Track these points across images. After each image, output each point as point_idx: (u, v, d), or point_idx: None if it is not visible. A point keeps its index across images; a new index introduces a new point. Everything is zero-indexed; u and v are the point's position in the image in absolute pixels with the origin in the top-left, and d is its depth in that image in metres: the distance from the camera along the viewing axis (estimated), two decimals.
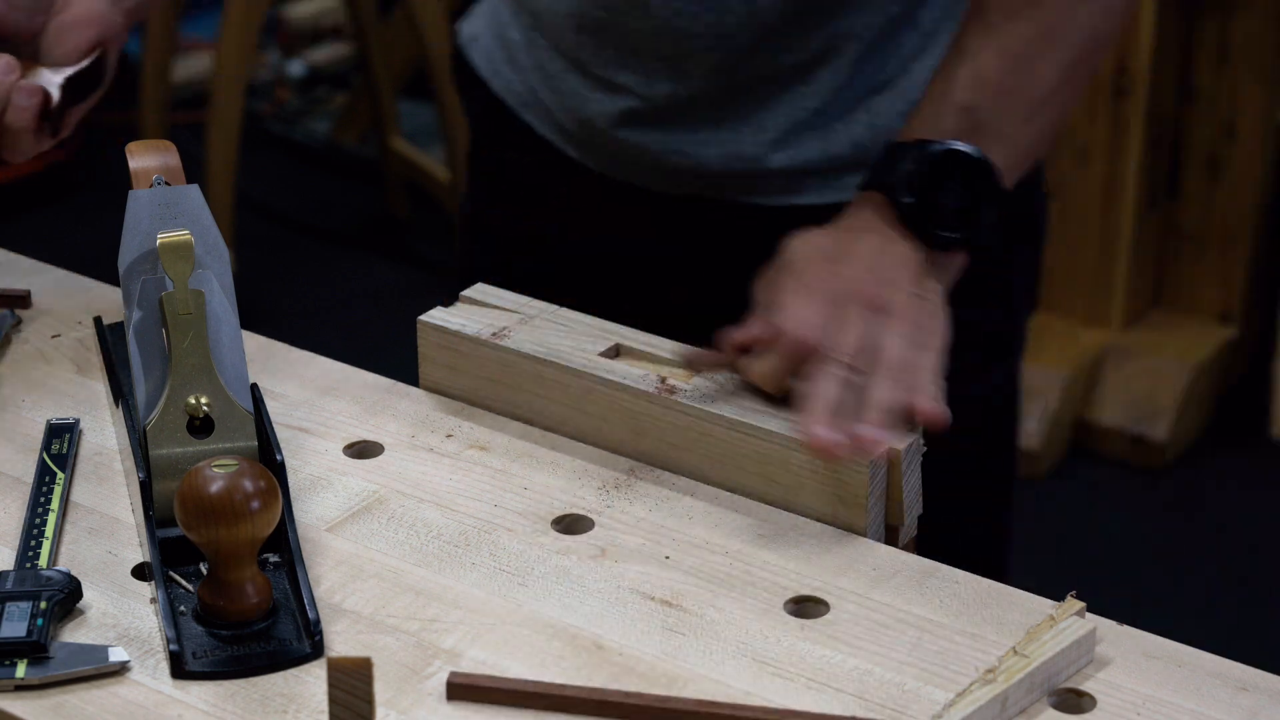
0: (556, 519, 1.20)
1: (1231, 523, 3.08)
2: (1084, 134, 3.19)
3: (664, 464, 1.24)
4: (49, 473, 1.22)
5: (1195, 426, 3.24)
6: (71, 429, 1.27)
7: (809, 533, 1.18)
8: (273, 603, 1.09)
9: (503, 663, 1.07)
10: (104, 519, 1.20)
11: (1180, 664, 1.08)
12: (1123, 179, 3.19)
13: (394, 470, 1.24)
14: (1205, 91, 3.19)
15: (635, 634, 1.10)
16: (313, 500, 1.21)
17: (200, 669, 1.06)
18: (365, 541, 1.18)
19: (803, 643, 1.09)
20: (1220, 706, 1.05)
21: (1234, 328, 3.29)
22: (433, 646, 1.08)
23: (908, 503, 1.19)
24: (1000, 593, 1.13)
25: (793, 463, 1.19)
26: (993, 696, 1.03)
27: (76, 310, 1.42)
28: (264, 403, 1.20)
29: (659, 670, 1.07)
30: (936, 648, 1.08)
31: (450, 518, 1.20)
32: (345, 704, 0.96)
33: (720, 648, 1.08)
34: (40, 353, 1.37)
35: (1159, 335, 3.28)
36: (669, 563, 1.15)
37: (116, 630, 1.10)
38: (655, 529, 1.19)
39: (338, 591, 1.13)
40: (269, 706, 1.04)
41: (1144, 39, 3.10)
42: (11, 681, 1.05)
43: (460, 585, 1.14)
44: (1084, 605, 1.10)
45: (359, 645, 1.08)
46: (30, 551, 1.15)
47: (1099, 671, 1.08)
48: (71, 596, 1.10)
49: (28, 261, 1.49)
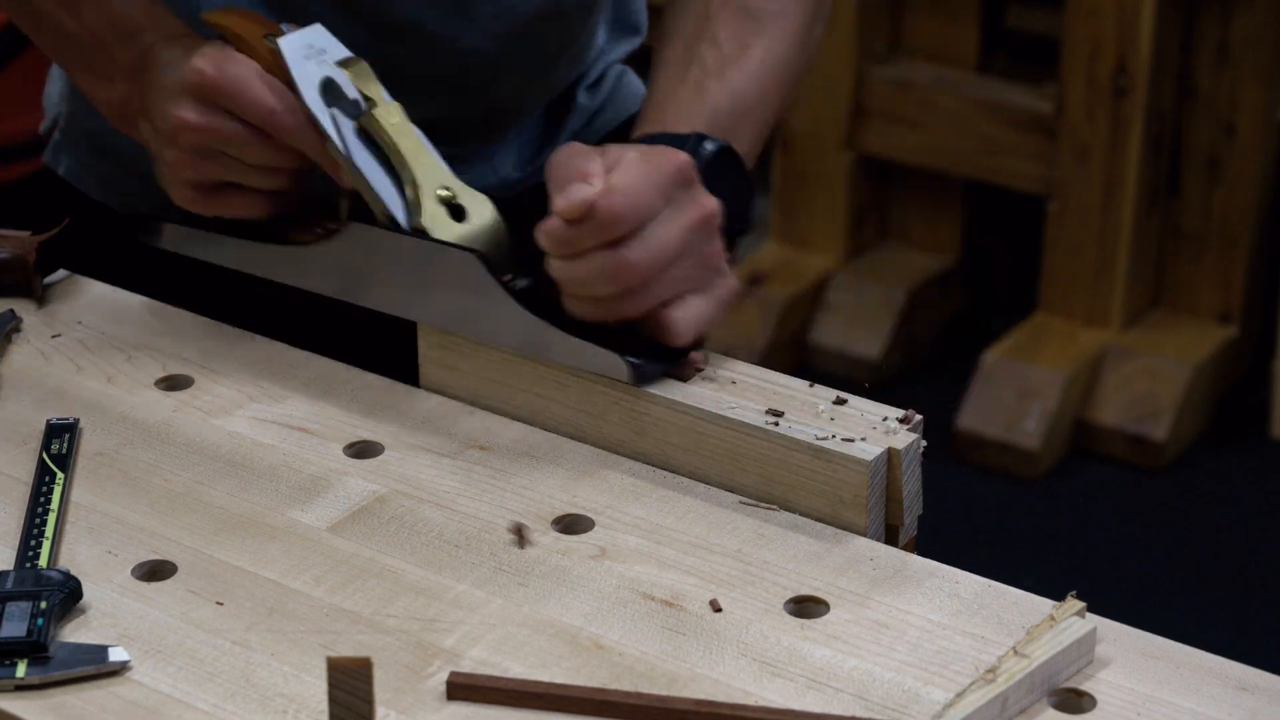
0: (556, 519, 1.20)
1: (1231, 523, 3.08)
2: (1084, 134, 3.20)
3: (664, 464, 1.24)
4: (49, 473, 1.22)
5: (1195, 426, 3.24)
6: (71, 429, 1.27)
7: (809, 533, 1.18)
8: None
9: (503, 663, 1.07)
10: (104, 519, 1.20)
11: (1180, 664, 1.08)
12: (1123, 179, 3.19)
13: (394, 470, 1.24)
14: (1205, 91, 3.19)
15: (635, 634, 1.10)
16: (313, 500, 1.21)
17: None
18: (365, 541, 1.18)
19: (803, 643, 1.09)
20: (1220, 706, 1.05)
21: (1234, 328, 3.29)
22: (433, 646, 1.08)
23: (908, 503, 1.19)
24: (1000, 593, 1.13)
25: (793, 463, 1.19)
26: (993, 696, 1.03)
27: (76, 310, 1.42)
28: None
29: (659, 670, 1.07)
30: (936, 648, 1.08)
31: (450, 518, 1.20)
32: (345, 704, 0.96)
33: (720, 648, 1.09)
34: (40, 353, 1.37)
35: (1159, 335, 3.28)
36: (669, 563, 1.15)
37: (116, 630, 1.10)
38: (655, 529, 1.19)
39: (338, 591, 1.13)
40: (269, 707, 1.04)
41: (1144, 39, 3.10)
42: (11, 681, 1.05)
43: (460, 585, 1.14)
44: (1084, 605, 1.10)
45: (359, 645, 1.09)
46: (30, 551, 1.15)
47: (1099, 671, 1.08)
48: (71, 596, 1.10)
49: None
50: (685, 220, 1.22)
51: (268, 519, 1.20)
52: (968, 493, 3.11)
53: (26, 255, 1.42)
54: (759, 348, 3.34)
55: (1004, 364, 3.24)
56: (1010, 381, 3.21)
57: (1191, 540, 3.04)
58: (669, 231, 1.21)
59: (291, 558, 1.16)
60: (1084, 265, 3.27)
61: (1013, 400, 3.19)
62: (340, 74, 1.30)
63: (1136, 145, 3.16)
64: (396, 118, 1.30)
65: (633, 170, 1.21)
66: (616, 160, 1.22)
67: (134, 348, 1.38)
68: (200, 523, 1.19)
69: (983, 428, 3.20)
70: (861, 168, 3.49)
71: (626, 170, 1.21)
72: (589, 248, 1.20)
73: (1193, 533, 3.06)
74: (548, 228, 1.21)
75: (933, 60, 3.42)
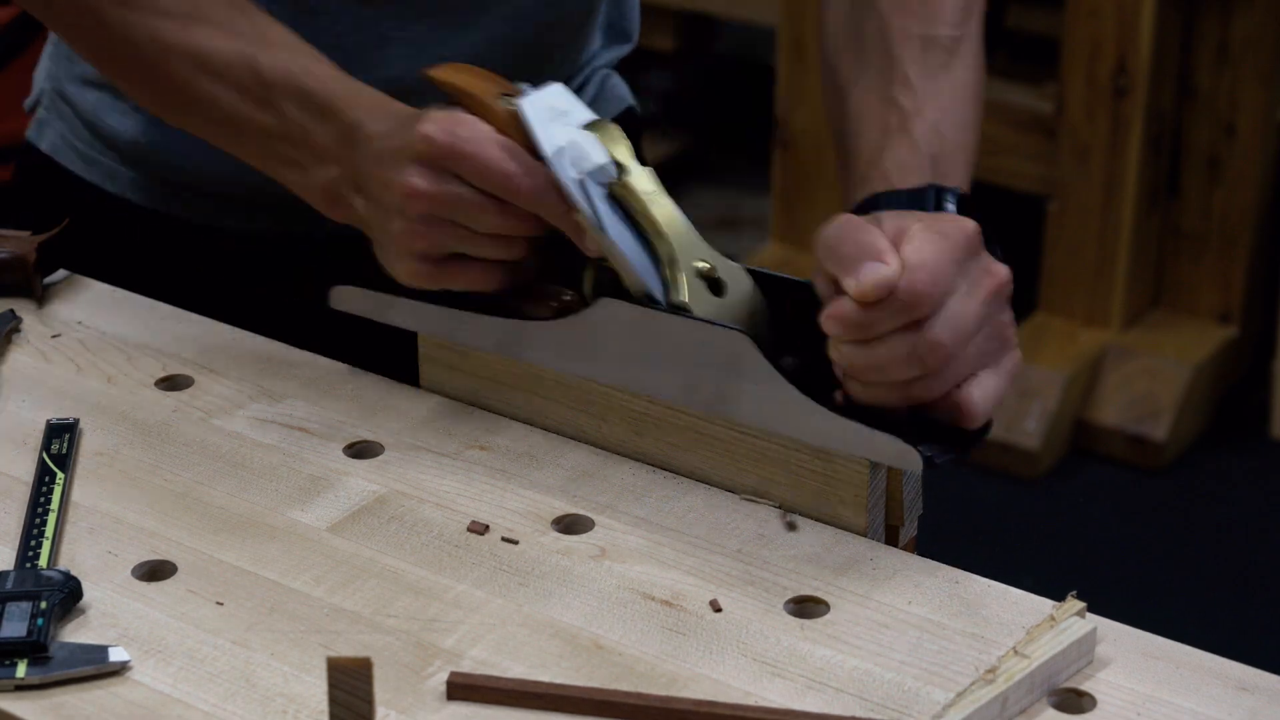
0: (556, 519, 1.20)
1: (1231, 523, 3.08)
2: (1084, 134, 3.20)
3: (664, 464, 1.24)
4: (49, 473, 1.22)
5: (1195, 426, 3.24)
6: (71, 429, 1.27)
7: (809, 533, 1.18)
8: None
9: (503, 663, 1.07)
10: (104, 519, 1.20)
11: (1180, 664, 1.08)
12: (1123, 179, 3.19)
13: (394, 470, 1.24)
14: (1205, 91, 3.19)
15: (635, 634, 1.10)
16: (313, 500, 1.21)
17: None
18: (365, 541, 1.18)
19: (803, 643, 1.09)
20: (1220, 706, 1.05)
21: (1234, 328, 3.29)
22: (433, 646, 1.08)
23: (908, 503, 1.19)
24: (1000, 593, 1.13)
25: (793, 463, 1.19)
26: (993, 697, 1.03)
27: (76, 310, 1.42)
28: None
29: (659, 670, 1.07)
30: (936, 648, 1.08)
31: (450, 518, 1.20)
32: (345, 704, 0.96)
33: (720, 648, 1.08)
34: (40, 353, 1.37)
35: (1159, 335, 3.28)
36: (669, 563, 1.15)
37: (116, 630, 1.10)
38: (655, 529, 1.19)
39: (338, 591, 1.13)
40: (269, 707, 1.04)
41: (1144, 38, 3.10)
42: (11, 681, 1.05)
43: (460, 585, 1.14)
44: (1084, 605, 1.10)
45: (359, 645, 1.09)
46: (30, 551, 1.15)
47: (1099, 671, 1.08)
48: (71, 596, 1.10)
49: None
50: (982, 293, 1.14)
51: (268, 519, 1.20)
52: (968, 493, 3.11)
53: (26, 255, 1.42)
54: None
55: None
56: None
57: (1191, 540, 3.04)
58: (968, 307, 1.13)
59: (291, 558, 1.16)
60: (1084, 265, 3.27)
61: (1013, 400, 3.19)
62: (587, 136, 1.21)
63: (1136, 145, 3.16)
64: (651, 185, 1.21)
65: (928, 244, 1.13)
66: (901, 231, 1.14)
67: (134, 348, 1.38)
68: (200, 523, 1.19)
69: None
70: None
71: (921, 244, 1.13)
72: (888, 330, 1.12)
73: (1193, 533, 3.06)
74: (841, 312, 1.13)
75: None
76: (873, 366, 1.13)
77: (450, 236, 1.22)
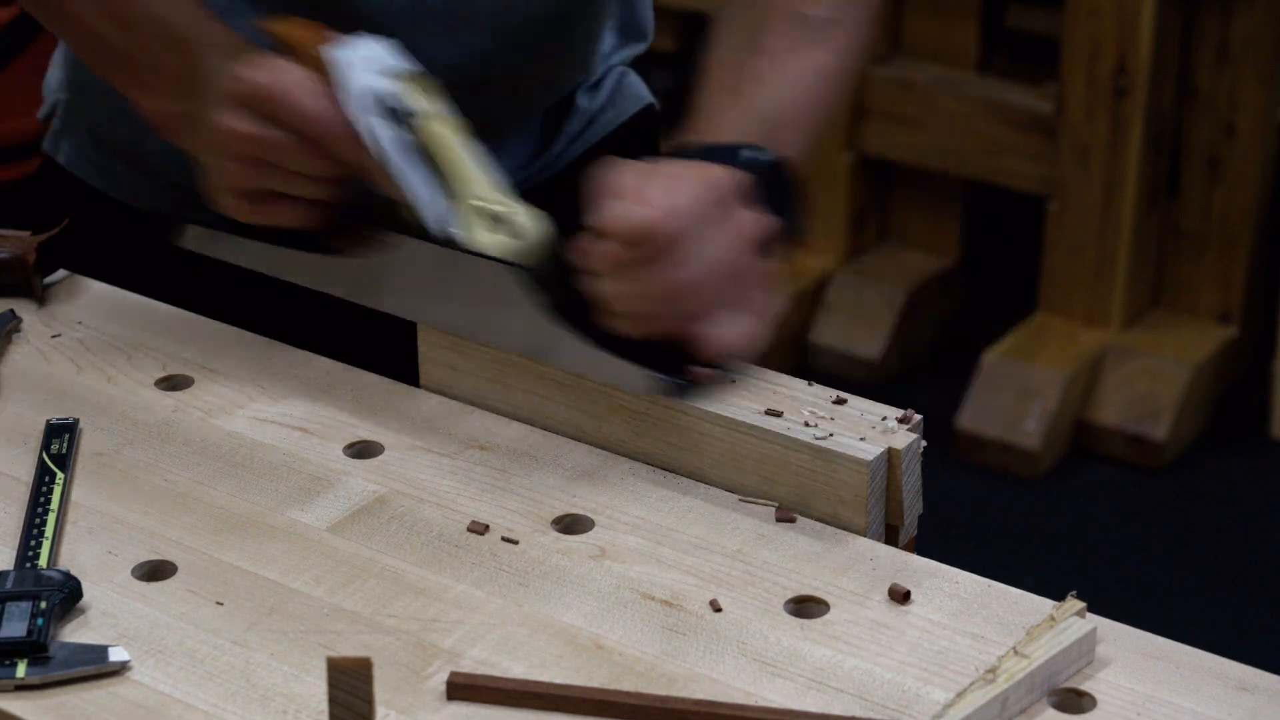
0: (556, 519, 1.20)
1: (1231, 523, 3.08)
2: (1084, 134, 3.20)
3: (664, 464, 1.24)
4: (49, 473, 1.22)
5: (1195, 426, 3.24)
6: (71, 429, 1.27)
7: (809, 533, 1.18)
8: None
9: (503, 663, 1.07)
10: (104, 519, 1.20)
11: (1180, 664, 1.08)
12: (1123, 179, 3.19)
13: (394, 470, 1.24)
14: (1205, 91, 3.19)
15: (635, 634, 1.10)
16: (313, 500, 1.21)
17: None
18: (365, 541, 1.18)
19: (803, 643, 1.09)
20: (1220, 706, 1.05)
21: (1234, 328, 3.29)
22: (433, 646, 1.08)
23: (908, 503, 1.19)
24: (1000, 593, 1.13)
25: (793, 463, 1.19)
26: (993, 696, 1.03)
27: (76, 310, 1.42)
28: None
29: (659, 670, 1.07)
30: (936, 648, 1.08)
31: (450, 518, 1.20)
32: (345, 704, 0.96)
33: (720, 648, 1.08)
34: (40, 353, 1.37)
35: (1159, 335, 3.28)
36: (669, 563, 1.15)
37: (116, 630, 1.10)
38: (655, 529, 1.19)
39: (338, 591, 1.13)
40: (269, 707, 1.04)
41: (1144, 38, 3.10)
42: (11, 681, 1.05)
43: (460, 585, 1.14)
44: (1084, 605, 1.10)
45: (359, 645, 1.09)
46: (30, 551, 1.15)
47: (1099, 671, 1.08)
48: (71, 596, 1.10)
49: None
50: (725, 238, 1.22)
51: (268, 519, 1.20)
52: (968, 493, 3.11)
53: (26, 255, 1.42)
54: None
55: (1004, 364, 3.24)
56: (1010, 381, 3.21)
57: (1191, 540, 3.04)
58: (707, 249, 1.20)
59: (291, 558, 1.16)
60: (1084, 265, 3.27)
61: (1013, 400, 3.19)
62: (396, 86, 1.28)
63: (1136, 145, 3.16)
64: (446, 130, 1.29)
65: (671, 189, 1.20)
66: (654, 174, 1.22)
67: (134, 348, 1.38)
68: (200, 523, 1.19)
69: (983, 428, 3.20)
70: (861, 168, 3.49)
71: (665, 188, 1.20)
72: (624, 264, 1.20)
73: (1193, 533, 3.06)
74: (584, 245, 1.21)
75: (933, 60, 3.42)
76: (612, 298, 1.21)
77: (265, 176, 1.30)
